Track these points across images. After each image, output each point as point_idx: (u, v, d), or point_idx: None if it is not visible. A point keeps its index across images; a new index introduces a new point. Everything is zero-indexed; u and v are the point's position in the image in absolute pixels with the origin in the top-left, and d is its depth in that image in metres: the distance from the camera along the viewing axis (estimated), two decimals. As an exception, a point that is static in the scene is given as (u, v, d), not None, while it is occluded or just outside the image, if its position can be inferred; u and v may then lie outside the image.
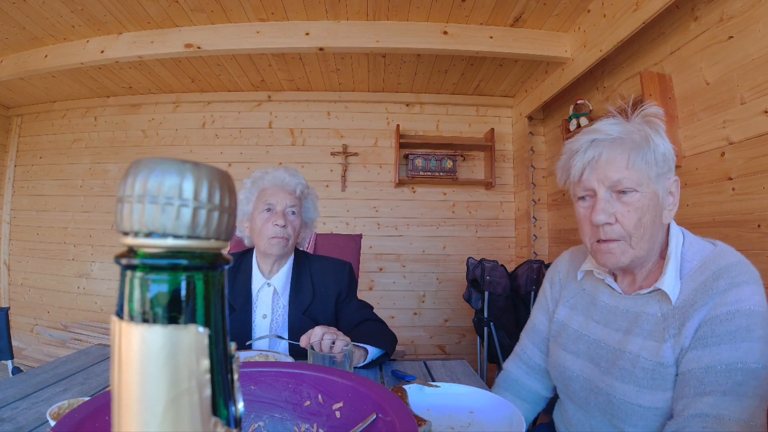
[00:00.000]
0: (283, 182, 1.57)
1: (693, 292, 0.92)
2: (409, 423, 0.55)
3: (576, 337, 1.13)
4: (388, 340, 1.46)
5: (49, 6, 2.81)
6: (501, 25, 2.98)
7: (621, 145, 0.96)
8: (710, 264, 0.93)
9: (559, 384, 1.16)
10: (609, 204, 0.97)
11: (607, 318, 1.07)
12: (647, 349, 0.94)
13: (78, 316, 4.21)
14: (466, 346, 4.01)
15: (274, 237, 1.52)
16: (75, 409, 0.56)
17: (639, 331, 0.98)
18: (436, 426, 0.93)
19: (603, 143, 0.98)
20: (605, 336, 1.05)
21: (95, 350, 1.49)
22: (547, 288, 1.31)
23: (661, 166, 0.96)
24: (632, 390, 0.94)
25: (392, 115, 4.17)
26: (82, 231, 4.28)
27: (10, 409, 0.97)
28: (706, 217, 2.11)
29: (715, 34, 2.06)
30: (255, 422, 0.70)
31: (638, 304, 1.02)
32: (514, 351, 1.38)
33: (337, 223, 4.08)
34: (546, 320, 1.29)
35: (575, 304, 1.18)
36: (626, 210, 0.96)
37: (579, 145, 1.01)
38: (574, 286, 1.21)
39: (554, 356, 1.17)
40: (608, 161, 0.96)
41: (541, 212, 3.88)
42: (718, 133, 2.03)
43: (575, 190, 1.05)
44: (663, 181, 0.98)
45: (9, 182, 4.47)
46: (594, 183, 0.98)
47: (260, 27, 3.00)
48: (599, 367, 1.03)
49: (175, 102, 4.23)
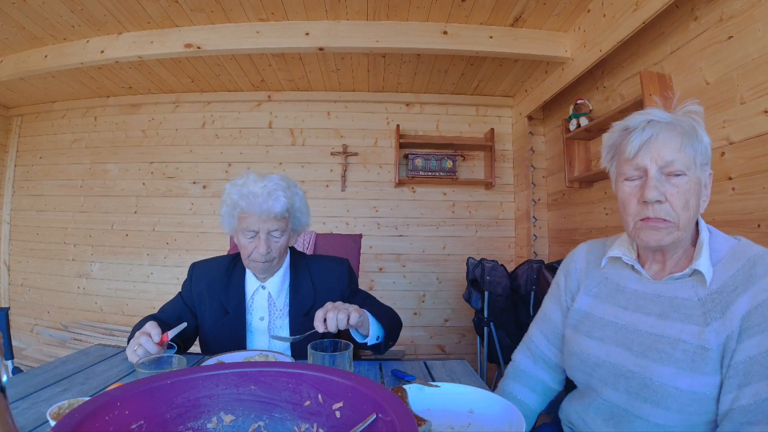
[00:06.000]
0: (262, 209, 1.43)
1: (731, 279, 0.94)
2: (409, 423, 0.55)
3: (602, 324, 1.12)
4: (393, 321, 1.51)
5: (49, 6, 2.81)
6: (501, 25, 2.98)
7: (674, 129, 0.99)
8: (740, 254, 0.96)
9: (582, 373, 1.14)
10: (660, 182, 0.99)
11: (636, 303, 1.07)
12: (687, 333, 0.95)
13: (78, 316, 4.21)
14: (466, 346, 4.02)
15: (255, 260, 1.50)
16: (75, 409, 0.56)
17: (676, 316, 0.98)
18: (436, 426, 0.93)
19: (659, 125, 1.00)
20: (636, 321, 1.05)
21: (95, 350, 1.49)
22: (562, 279, 1.31)
23: (704, 156, 1.01)
24: (671, 372, 0.94)
25: (392, 115, 4.17)
26: (82, 231, 4.29)
27: (10, 409, 0.96)
28: (706, 217, 2.07)
29: (714, 34, 2.06)
30: (255, 422, 0.70)
31: (671, 289, 1.02)
32: (523, 341, 1.38)
33: (337, 223, 4.08)
34: (559, 311, 1.29)
35: (598, 293, 1.18)
36: (675, 191, 0.98)
37: (635, 123, 1.03)
38: (597, 275, 1.21)
39: (575, 345, 1.16)
40: (664, 142, 0.99)
41: (541, 212, 3.88)
42: (718, 132, 2.03)
43: (624, 169, 1.05)
44: (703, 172, 1.02)
45: (9, 182, 4.48)
46: (648, 161, 1.00)
47: (260, 27, 3.00)
48: (631, 350, 1.02)
49: (175, 102, 4.24)
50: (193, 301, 1.60)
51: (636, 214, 1.03)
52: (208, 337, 1.57)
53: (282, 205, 1.45)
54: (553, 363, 1.29)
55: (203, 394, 0.70)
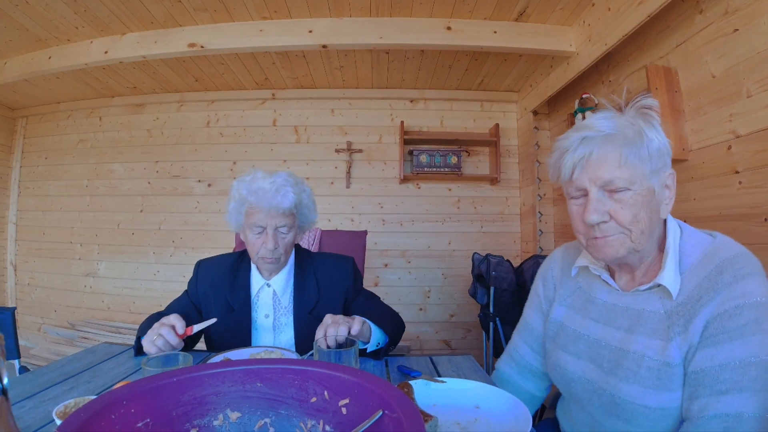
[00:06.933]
0: (271, 205, 1.44)
1: (697, 288, 0.90)
2: (416, 419, 0.55)
3: (575, 337, 1.10)
4: (395, 324, 1.51)
5: (52, 8, 2.81)
6: (505, 20, 2.96)
7: (612, 142, 0.93)
8: (712, 257, 0.91)
9: (561, 386, 1.14)
10: (601, 203, 0.94)
11: (606, 316, 1.05)
12: (652, 349, 0.92)
13: (85, 315, 4.24)
14: (472, 341, 4.01)
15: (264, 257, 1.51)
16: (81, 408, 0.57)
17: (642, 330, 0.96)
18: (443, 421, 0.93)
19: (594, 140, 0.94)
20: (606, 335, 1.03)
21: (102, 348, 1.50)
22: (540, 286, 1.29)
23: (655, 162, 0.93)
24: (637, 391, 0.92)
25: (396, 112, 4.16)
26: (88, 230, 4.31)
27: (16, 409, 0.97)
28: (713, 211, 2.09)
29: (720, 27, 2.04)
30: (261, 419, 0.70)
31: (638, 302, 0.99)
32: (506, 350, 1.36)
33: (342, 219, 4.08)
34: (540, 319, 1.27)
35: (572, 303, 1.16)
36: (620, 207, 0.93)
37: (569, 143, 0.97)
38: (570, 284, 1.19)
39: (553, 358, 1.15)
40: (599, 160, 0.93)
41: (546, 207, 3.86)
42: (725, 126, 2.01)
43: (567, 189, 1.02)
44: (658, 176, 0.95)
45: (15, 183, 4.50)
46: (586, 182, 0.95)
47: (263, 25, 3.00)
48: (602, 368, 1.01)
49: (179, 101, 4.24)
50: (199, 298, 1.61)
51: (585, 233, 1.01)
52: (214, 334, 1.57)
53: (290, 201, 1.47)
54: (539, 372, 1.28)
55: (209, 392, 0.70)
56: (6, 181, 4.49)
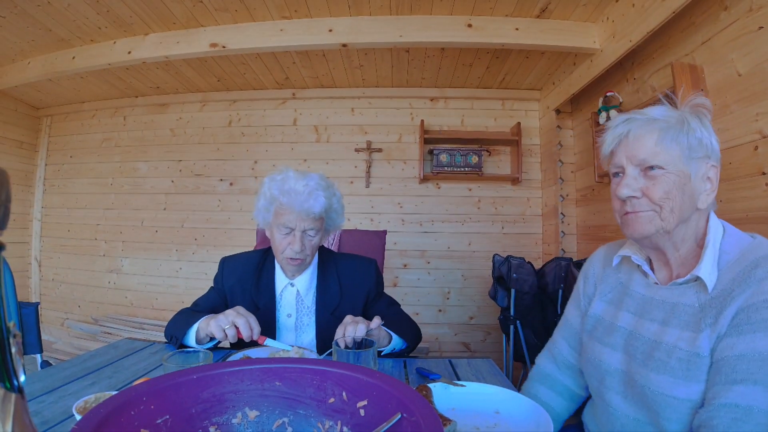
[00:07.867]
0: (302, 208, 1.44)
1: (730, 282, 0.90)
2: (435, 423, 0.54)
3: (612, 329, 1.11)
4: (413, 333, 1.52)
5: (75, 8, 2.87)
6: (527, 17, 2.92)
7: (653, 125, 0.98)
8: (748, 254, 0.91)
9: (595, 380, 1.13)
10: (635, 180, 0.99)
11: (642, 308, 1.06)
12: (684, 340, 0.93)
13: (108, 310, 4.32)
14: (492, 344, 3.98)
15: (289, 258, 1.51)
16: (100, 404, 0.57)
17: (676, 322, 0.96)
18: (462, 426, 0.92)
19: (636, 121, 1.00)
20: (640, 327, 1.03)
21: (124, 344, 1.51)
22: (581, 284, 1.30)
23: (695, 150, 0.96)
24: (667, 381, 0.92)
25: (416, 111, 4.14)
26: (112, 227, 4.39)
27: (36, 403, 0.98)
28: (740, 213, 2.03)
29: (745, 24, 1.99)
30: (279, 418, 0.70)
31: (674, 295, 1.00)
32: (547, 346, 1.37)
33: (362, 219, 4.08)
34: (578, 316, 1.28)
35: (612, 298, 1.17)
36: (652, 184, 0.97)
37: (614, 123, 1.04)
38: (611, 280, 1.20)
39: (590, 351, 1.15)
40: (636, 138, 0.99)
41: (569, 208, 3.81)
42: (752, 126, 1.95)
43: (609, 167, 1.07)
44: (697, 165, 0.97)
45: (39, 181, 4.61)
46: (623, 159, 1.01)
47: (284, 25, 3.01)
48: (635, 359, 1.01)
49: (201, 101, 4.30)
50: (225, 294, 1.62)
51: (619, 210, 1.05)
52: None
53: (321, 205, 1.46)
54: (577, 368, 1.27)
55: (228, 390, 0.70)
56: (31, 178, 4.60)
